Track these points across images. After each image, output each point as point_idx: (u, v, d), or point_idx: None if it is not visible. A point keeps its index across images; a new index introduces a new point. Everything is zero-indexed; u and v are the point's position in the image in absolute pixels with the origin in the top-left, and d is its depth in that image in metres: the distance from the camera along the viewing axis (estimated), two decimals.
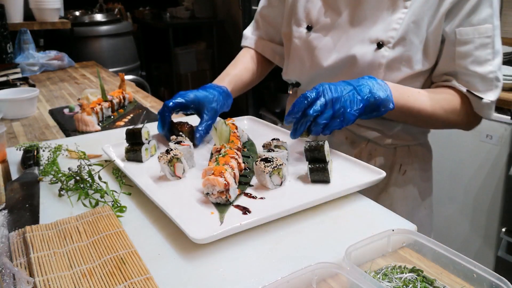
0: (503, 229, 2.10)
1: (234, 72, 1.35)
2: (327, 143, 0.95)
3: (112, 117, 1.58)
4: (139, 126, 1.09)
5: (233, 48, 4.62)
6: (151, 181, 0.97)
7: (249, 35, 1.44)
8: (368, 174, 0.95)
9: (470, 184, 2.21)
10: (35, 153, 1.11)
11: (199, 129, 1.15)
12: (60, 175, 0.98)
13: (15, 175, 1.06)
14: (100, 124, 1.49)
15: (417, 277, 0.67)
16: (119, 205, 0.89)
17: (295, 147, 1.12)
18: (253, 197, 0.89)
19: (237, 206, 0.85)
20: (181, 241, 0.77)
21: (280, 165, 0.91)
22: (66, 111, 1.69)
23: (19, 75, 2.24)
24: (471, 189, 2.21)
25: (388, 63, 1.07)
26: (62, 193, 0.94)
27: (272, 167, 0.90)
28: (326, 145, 0.94)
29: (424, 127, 1.22)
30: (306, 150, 0.94)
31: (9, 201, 0.92)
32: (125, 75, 1.92)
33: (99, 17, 3.96)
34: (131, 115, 1.63)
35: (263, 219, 0.79)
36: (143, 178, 0.98)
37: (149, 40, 5.38)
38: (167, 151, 0.96)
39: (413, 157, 1.22)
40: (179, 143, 1.03)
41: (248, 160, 1.06)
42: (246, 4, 4.22)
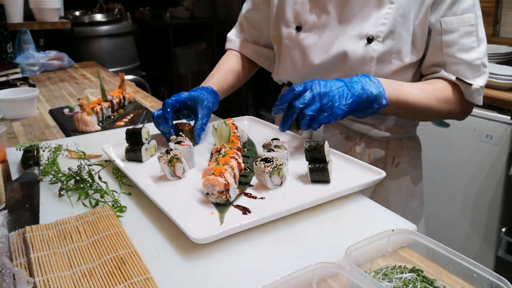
0: (503, 229, 2.10)
1: (218, 74, 1.36)
2: (327, 143, 0.95)
3: (112, 117, 1.58)
4: (139, 126, 1.09)
5: None
6: (151, 181, 0.97)
7: (233, 37, 1.46)
8: (368, 174, 0.95)
9: (470, 184, 2.21)
10: (35, 153, 1.11)
11: (196, 128, 1.16)
12: (60, 175, 0.98)
13: (15, 175, 1.06)
14: (100, 124, 1.49)
15: (417, 277, 0.67)
16: (119, 205, 0.89)
17: (295, 147, 1.12)
18: (253, 197, 0.89)
19: (237, 206, 0.85)
20: (181, 241, 0.77)
21: (280, 165, 0.91)
22: (66, 111, 1.69)
23: (19, 75, 2.25)
24: (471, 189, 2.21)
25: (379, 56, 1.10)
26: (62, 193, 0.94)
27: (272, 167, 0.90)
28: (326, 145, 0.94)
29: (420, 119, 1.27)
30: (306, 150, 0.94)
31: (9, 201, 0.92)
32: (125, 75, 1.92)
33: (99, 17, 3.96)
34: (131, 115, 1.63)
35: (263, 219, 0.79)
36: (143, 178, 0.98)
37: (149, 40, 5.38)
38: (167, 151, 0.96)
39: (404, 149, 1.26)
40: (179, 143, 1.03)
41: (248, 160, 1.06)
42: None
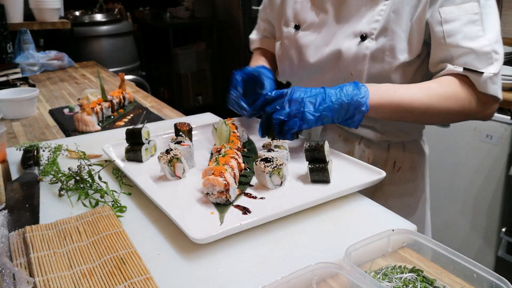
0: (503, 229, 2.10)
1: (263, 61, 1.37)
2: (327, 143, 0.95)
3: (112, 117, 1.58)
4: (139, 126, 1.09)
5: (233, 48, 4.62)
6: (151, 181, 0.97)
7: (254, 38, 1.48)
8: (368, 174, 0.96)
9: (470, 184, 2.21)
10: (35, 153, 1.11)
11: (267, 93, 1.05)
12: (60, 175, 0.98)
13: (15, 175, 1.06)
14: (100, 124, 1.49)
15: (417, 277, 0.67)
16: (119, 205, 0.89)
17: (295, 147, 1.12)
18: (253, 197, 0.89)
19: (237, 206, 0.85)
20: (181, 241, 0.77)
21: (280, 165, 0.91)
22: (66, 111, 1.69)
23: (19, 75, 2.25)
24: (471, 189, 2.21)
25: (372, 54, 1.08)
26: (62, 193, 0.94)
27: (272, 167, 0.90)
28: (326, 145, 0.94)
29: (426, 121, 1.17)
30: (306, 150, 0.94)
31: (9, 201, 0.92)
32: (125, 75, 1.92)
33: (99, 17, 3.95)
34: (131, 115, 1.63)
35: (263, 219, 0.79)
36: (143, 178, 0.98)
37: (149, 40, 5.37)
38: (167, 151, 0.96)
39: (407, 154, 1.22)
40: (179, 143, 1.03)
41: (248, 160, 1.06)
42: (246, 4, 4.23)
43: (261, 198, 0.88)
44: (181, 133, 1.13)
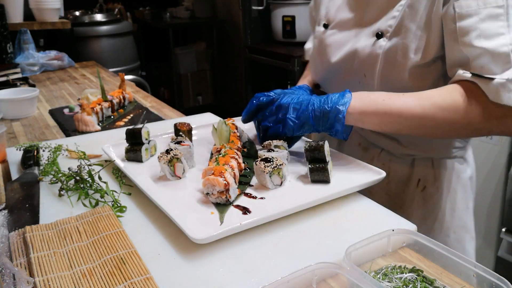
0: (503, 229, 2.10)
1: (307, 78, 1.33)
2: (327, 143, 0.95)
3: (112, 117, 1.58)
4: (139, 126, 1.09)
5: (233, 48, 4.62)
6: (151, 181, 0.97)
7: (307, 47, 1.42)
8: (368, 174, 0.95)
9: None
10: (35, 153, 1.11)
11: (259, 98, 1.03)
12: (60, 175, 0.98)
13: (15, 175, 1.06)
14: (100, 124, 1.49)
15: (417, 277, 0.67)
16: (119, 205, 0.89)
17: (295, 147, 1.12)
18: (253, 197, 0.89)
19: (237, 206, 0.85)
20: (181, 241, 0.77)
21: (280, 165, 0.91)
22: (66, 111, 1.69)
23: (19, 75, 2.24)
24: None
25: (384, 53, 1.01)
26: (62, 193, 0.94)
27: (272, 167, 0.90)
28: (326, 145, 0.94)
29: (433, 135, 1.01)
30: (306, 150, 0.94)
31: (9, 201, 0.92)
32: (125, 75, 1.92)
33: (99, 17, 3.95)
34: (131, 115, 1.63)
35: (263, 219, 0.79)
36: (143, 178, 0.98)
37: (149, 40, 5.37)
38: (167, 151, 0.96)
39: (437, 172, 1.09)
40: (179, 143, 1.03)
41: (248, 160, 1.06)
42: (246, 4, 4.22)
43: (261, 198, 0.88)
44: (181, 133, 1.13)
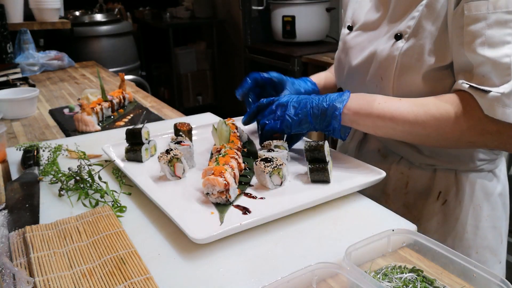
0: None
1: (324, 74, 1.33)
2: (327, 143, 0.95)
3: (112, 117, 1.58)
4: (139, 126, 1.09)
5: (233, 48, 4.62)
6: (151, 181, 0.97)
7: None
8: (368, 174, 0.95)
9: None
10: (35, 153, 1.11)
11: (260, 100, 1.06)
12: (60, 175, 0.98)
13: (15, 175, 1.06)
14: (100, 124, 1.49)
15: (417, 277, 0.67)
16: (119, 205, 0.89)
17: (295, 147, 1.12)
18: (253, 197, 0.89)
19: (237, 206, 0.85)
20: (181, 241, 0.77)
21: (280, 165, 0.91)
22: (66, 111, 1.69)
23: (19, 75, 2.24)
24: None
25: (401, 55, 0.96)
26: (62, 193, 0.94)
27: (272, 167, 0.90)
28: (326, 145, 0.94)
29: (429, 143, 0.98)
30: (306, 150, 0.94)
31: (9, 201, 0.92)
32: (125, 75, 1.92)
33: (99, 17, 3.95)
34: (131, 115, 1.63)
35: (263, 219, 0.79)
36: (143, 178, 0.98)
37: (149, 40, 5.37)
38: (167, 151, 0.96)
39: (460, 186, 1.04)
40: (179, 143, 1.03)
41: (248, 160, 1.06)
42: (246, 4, 4.22)
43: (261, 198, 0.88)
44: (181, 133, 1.13)
